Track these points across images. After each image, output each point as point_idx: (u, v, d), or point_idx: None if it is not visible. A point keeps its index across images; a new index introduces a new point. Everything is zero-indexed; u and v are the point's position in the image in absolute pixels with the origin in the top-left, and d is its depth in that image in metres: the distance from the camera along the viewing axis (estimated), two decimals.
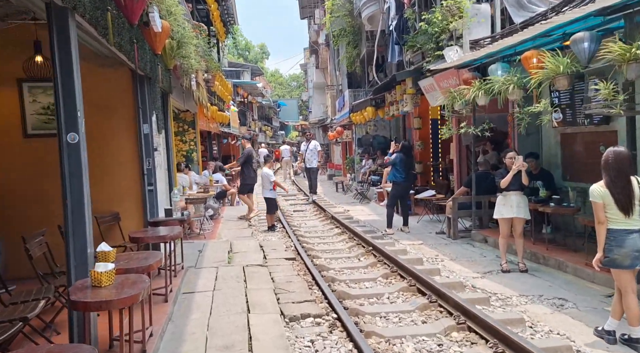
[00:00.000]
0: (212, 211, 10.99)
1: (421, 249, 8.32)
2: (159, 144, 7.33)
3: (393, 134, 18.37)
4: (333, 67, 23.78)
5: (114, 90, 6.39)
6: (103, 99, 6.37)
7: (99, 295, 3.08)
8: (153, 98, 6.79)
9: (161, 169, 7.40)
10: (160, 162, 7.24)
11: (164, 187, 7.63)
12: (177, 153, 12.86)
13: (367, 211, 13.07)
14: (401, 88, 12.71)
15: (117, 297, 3.02)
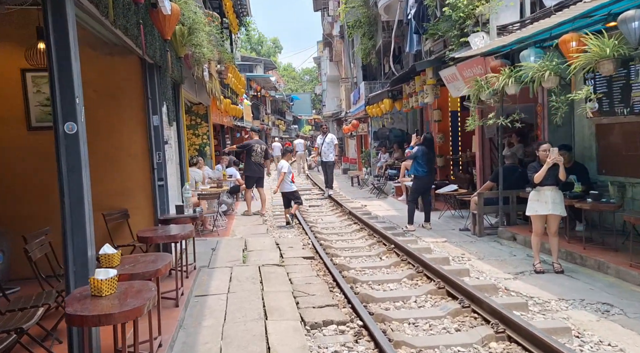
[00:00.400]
0: (226, 207, 10.61)
1: (445, 247, 7.85)
2: (170, 136, 6.94)
3: (410, 126, 17.85)
4: (347, 59, 23.25)
5: (122, 80, 6.00)
6: (111, 89, 5.99)
7: (99, 307, 2.68)
8: (163, 88, 6.39)
9: (172, 163, 7.01)
10: (171, 155, 6.86)
11: (175, 182, 7.25)
12: (189, 147, 12.51)
13: (385, 206, 12.61)
14: (420, 79, 12.19)
15: (118, 310, 2.61)
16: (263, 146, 11.55)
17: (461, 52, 8.96)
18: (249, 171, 11.28)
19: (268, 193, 14.67)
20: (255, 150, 11.27)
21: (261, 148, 11.41)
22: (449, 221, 10.07)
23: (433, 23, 10.91)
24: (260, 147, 11.43)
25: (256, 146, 11.38)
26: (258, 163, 11.27)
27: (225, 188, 9.72)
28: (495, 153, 11.27)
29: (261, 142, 11.92)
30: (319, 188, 17.15)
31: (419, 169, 9.36)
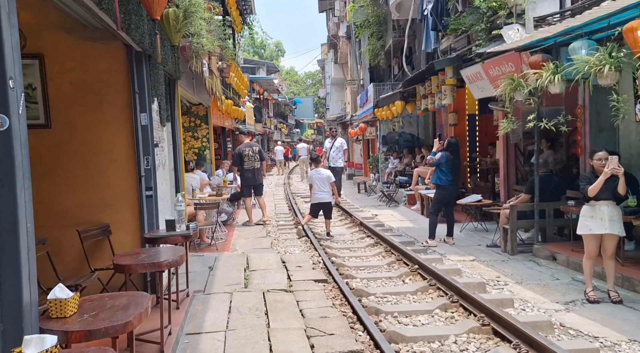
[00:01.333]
0: (226, 216, 9.62)
1: (475, 267, 6.85)
2: (162, 138, 5.95)
3: (421, 130, 16.88)
4: (354, 60, 22.30)
5: (105, 71, 5.02)
6: (91, 81, 5.00)
7: None
8: (154, 81, 5.41)
9: (164, 169, 6.02)
10: (162, 160, 5.87)
11: (168, 190, 6.26)
12: (188, 150, 11.55)
13: (397, 216, 11.60)
14: (438, 79, 11.21)
15: None
16: (255, 147, 10.22)
17: (490, 48, 7.99)
18: (244, 180, 10.08)
19: (270, 199, 13.68)
20: (247, 155, 9.97)
21: (252, 150, 10.05)
22: (472, 235, 9.07)
23: (455, 17, 9.94)
24: (252, 149, 10.07)
25: (246, 150, 10.01)
26: (252, 169, 9.99)
27: (225, 196, 8.72)
28: (521, 159, 10.31)
29: (253, 144, 10.47)
30: None
31: (442, 177, 8.36)
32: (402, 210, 12.51)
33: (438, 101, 11.26)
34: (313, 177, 9.14)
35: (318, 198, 9.07)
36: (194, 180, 8.88)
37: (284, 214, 12.04)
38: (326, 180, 9.07)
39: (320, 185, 9.04)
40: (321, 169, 9.27)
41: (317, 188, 9.05)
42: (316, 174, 9.12)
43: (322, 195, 9.02)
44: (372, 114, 16.91)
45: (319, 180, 9.05)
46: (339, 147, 13.12)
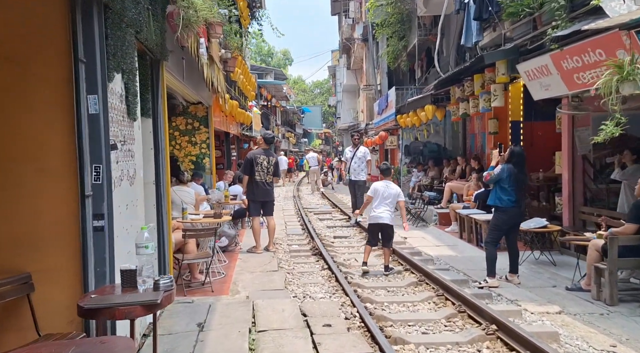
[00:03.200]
0: (227, 241, 7.64)
1: (570, 327, 4.82)
2: (131, 138, 3.98)
3: (448, 140, 14.89)
4: (370, 64, 20.43)
5: (29, 25, 3.09)
6: (8, 44, 3.08)
7: None
8: (116, 47, 3.47)
9: (133, 185, 4.04)
10: (129, 171, 3.89)
11: (139, 216, 4.28)
12: (184, 158, 9.61)
13: (431, 240, 9.58)
14: (483, 78, 9.28)
15: None
16: (272, 158, 8.15)
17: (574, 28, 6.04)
18: (252, 194, 8.00)
19: (278, 216, 11.69)
20: (260, 163, 7.96)
21: (268, 161, 8.03)
22: (536, 270, 7.04)
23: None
24: (268, 159, 8.04)
25: (260, 158, 7.98)
26: (264, 182, 7.98)
27: (226, 217, 6.70)
28: (591, 174, 8.32)
29: (269, 152, 8.32)
30: (339, 210, 14.15)
31: (503, 197, 6.34)
32: (434, 232, 10.48)
33: (483, 104, 9.29)
34: (378, 190, 7.02)
35: (376, 217, 6.98)
36: (187, 196, 6.91)
37: (297, 235, 10.04)
38: (394, 197, 6.99)
39: (383, 201, 6.97)
40: (392, 183, 7.16)
41: (379, 204, 6.99)
42: (383, 187, 7.04)
43: (382, 213, 6.93)
44: (393, 121, 14.96)
45: (384, 197, 6.98)
46: (361, 157, 11.13)
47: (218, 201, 8.18)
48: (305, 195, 20.03)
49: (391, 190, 7.03)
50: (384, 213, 7.00)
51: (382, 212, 6.99)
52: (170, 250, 5.34)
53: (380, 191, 7.06)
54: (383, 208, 7.00)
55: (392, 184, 7.17)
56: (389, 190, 7.02)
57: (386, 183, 7.12)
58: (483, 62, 8.41)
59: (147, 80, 5.01)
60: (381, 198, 7.02)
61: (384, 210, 6.99)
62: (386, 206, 7.00)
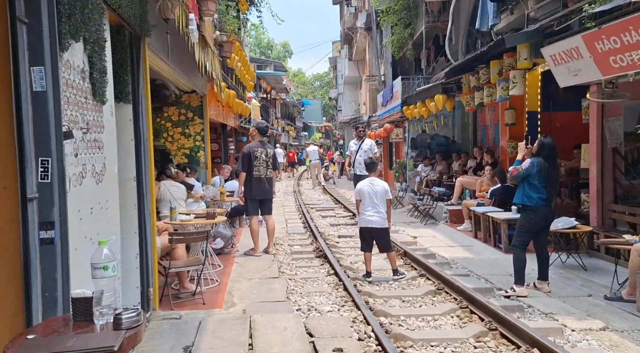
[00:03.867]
0: (222, 242, 6.90)
1: (621, 348, 4.09)
2: (97, 124, 3.22)
3: (457, 132, 14.14)
4: (374, 54, 19.62)
5: None
6: None
7: None
8: (71, 5, 2.71)
9: (101, 183, 3.28)
10: (96, 166, 3.14)
11: (112, 223, 3.53)
12: (176, 151, 8.86)
13: (443, 240, 8.85)
14: (501, 64, 8.51)
15: None
16: (270, 150, 7.42)
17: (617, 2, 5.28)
18: (249, 192, 7.16)
19: (279, 213, 10.95)
20: (258, 157, 7.18)
21: (266, 154, 7.28)
22: (566, 276, 6.31)
23: None
24: (265, 152, 7.28)
25: (258, 151, 7.20)
26: (261, 177, 7.18)
27: (220, 218, 5.93)
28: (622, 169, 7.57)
29: (266, 144, 7.61)
30: (342, 207, 13.42)
31: (532, 195, 5.59)
32: (445, 231, 9.75)
33: (501, 92, 8.53)
34: (363, 191, 6.25)
35: (365, 221, 6.21)
36: (177, 191, 6.17)
37: (299, 235, 9.31)
38: (381, 195, 6.18)
39: (370, 201, 6.18)
40: (377, 180, 6.37)
41: (367, 205, 6.21)
42: (368, 186, 6.24)
43: (372, 216, 6.14)
44: (399, 112, 14.18)
45: (370, 195, 6.19)
46: (367, 150, 10.35)
47: (213, 198, 7.44)
48: (306, 190, 19.30)
49: (377, 188, 6.22)
50: (374, 216, 6.17)
51: (371, 215, 6.18)
52: (155, 257, 4.60)
53: (365, 191, 6.26)
54: (372, 210, 6.18)
55: (377, 181, 6.34)
56: (374, 188, 6.22)
57: (370, 181, 6.32)
58: (503, 46, 7.64)
59: (126, 59, 4.25)
60: (368, 199, 6.23)
61: (374, 213, 6.17)
62: (375, 207, 6.18)
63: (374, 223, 6.14)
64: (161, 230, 5.31)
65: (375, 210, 6.19)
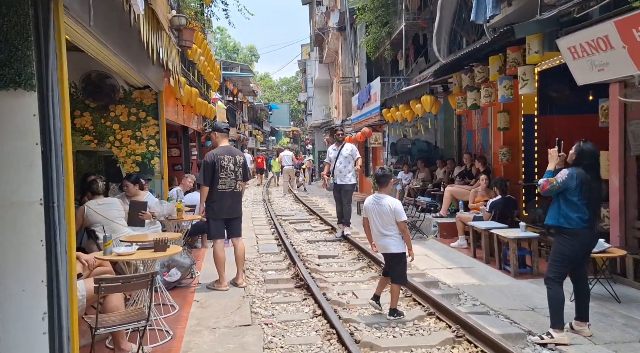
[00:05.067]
0: (179, 274, 5.43)
1: None
2: None
3: (440, 138, 13.06)
4: (347, 55, 18.44)
5: None
6: None
7: None
8: None
9: None
10: None
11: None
12: (125, 158, 7.34)
13: (437, 259, 7.63)
14: (499, 60, 7.43)
15: None
16: (239, 157, 5.91)
17: None
18: (213, 211, 5.67)
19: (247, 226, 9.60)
20: (225, 167, 5.68)
21: (235, 162, 5.79)
22: (600, 310, 5.16)
23: None
24: (234, 160, 5.79)
25: (225, 159, 5.71)
26: (229, 192, 5.69)
27: (175, 249, 4.40)
28: None
29: (233, 149, 6.08)
30: (318, 218, 12.09)
31: (571, 214, 4.40)
32: (437, 248, 8.55)
33: (504, 91, 7.42)
34: (367, 208, 5.01)
35: (378, 245, 5.02)
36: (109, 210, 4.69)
37: (272, 255, 7.92)
38: (390, 214, 4.88)
39: (378, 221, 4.92)
40: (384, 196, 5.00)
41: (375, 228, 4.95)
42: (373, 204, 4.98)
43: (385, 239, 4.92)
44: (377, 115, 13.00)
45: (376, 215, 4.92)
46: (347, 156, 9.06)
47: (168, 217, 5.96)
48: (276, 199, 17.87)
49: (383, 207, 4.91)
50: (387, 239, 4.92)
51: (383, 238, 4.94)
52: (75, 315, 3.14)
53: (369, 209, 5.00)
54: (383, 232, 4.94)
55: (384, 199, 4.97)
56: (380, 208, 4.92)
57: (376, 198, 5.00)
58: (511, 36, 6.50)
59: (26, 26, 2.82)
60: (374, 220, 4.97)
61: (385, 235, 4.92)
62: (384, 229, 4.93)
63: (388, 248, 4.92)
64: (91, 267, 3.84)
65: (386, 232, 4.93)
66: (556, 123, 9.10)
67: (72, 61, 7.29)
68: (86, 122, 7.28)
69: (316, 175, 27.45)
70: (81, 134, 7.28)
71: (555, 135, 9.20)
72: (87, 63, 7.09)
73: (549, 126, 9.12)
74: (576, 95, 8.83)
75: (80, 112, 7.28)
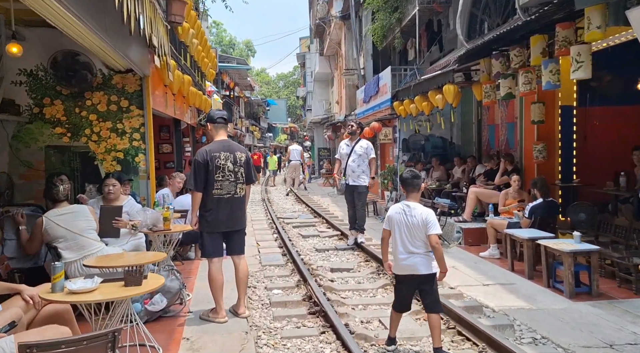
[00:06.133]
0: (164, 301, 4.26)
1: None
2: None
3: (457, 133, 11.93)
4: (351, 46, 17.27)
5: None
6: None
7: None
8: None
9: None
10: None
11: None
12: (104, 154, 6.19)
13: (469, 273, 6.50)
14: (543, 40, 6.29)
15: None
16: (241, 154, 4.65)
17: None
18: (207, 223, 4.46)
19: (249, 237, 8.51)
20: (221, 167, 4.47)
21: (235, 160, 4.56)
22: None
23: None
24: (233, 158, 4.57)
25: (221, 157, 4.50)
26: (227, 197, 4.48)
27: (155, 281, 3.22)
28: None
29: (233, 145, 4.76)
30: (324, 221, 10.94)
31: None
32: (464, 258, 7.41)
33: (550, 77, 6.27)
34: (393, 219, 3.91)
35: (405, 267, 3.87)
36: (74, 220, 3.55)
37: (278, 268, 6.78)
38: (420, 227, 3.80)
39: (405, 236, 3.84)
40: (415, 205, 3.91)
41: (399, 241, 3.87)
42: (400, 214, 3.90)
43: (413, 258, 3.82)
44: (388, 108, 11.86)
45: (403, 227, 3.86)
46: (362, 153, 7.91)
47: (152, 228, 4.79)
48: (276, 199, 16.71)
49: (414, 218, 3.82)
50: (416, 258, 3.82)
51: (410, 257, 3.82)
52: None
53: (395, 220, 3.89)
54: (411, 250, 3.83)
55: (415, 207, 3.88)
56: (410, 219, 3.83)
57: (404, 207, 3.91)
58: (567, 8, 5.36)
59: None
60: (401, 233, 3.86)
61: (414, 254, 3.82)
62: (413, 246, 3.83)
63: (419, 269, 3.80)
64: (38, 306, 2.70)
65: (415, 250, 3.82)
66: (597, 115, 8.03)
67: (41, 40, 6.15)
68: (57, 112, 6.11)
69: (316, 173, 26.31)
70: (51, 125, 6.11)
71: (596, 129, 8.14)
72: (58, 41, 5.93)
73: (589, 119, 8.04)
74: (621, 84, 7.76)
75: (50, 100, 6.10)
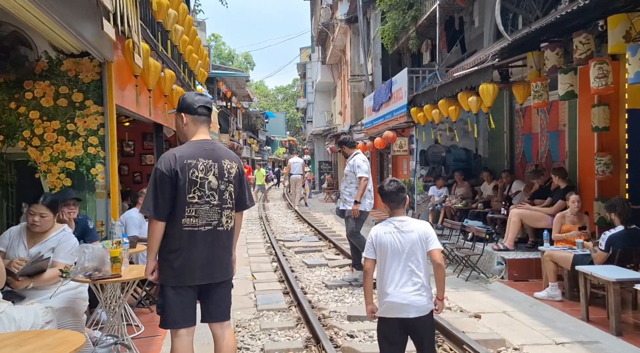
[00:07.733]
0: None
1: None
2: None
3: (483, 143, 10.38)
4: (358, 51, 15.83)
5: None
6: None
7: None
8: None
9: None
10: None
11: None
12: (50, 164, 4.57)
13: (530, 323, 4.86)
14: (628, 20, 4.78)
15: None
16: (230, 164, 2.87)
17: None
18: (170, 270, 2.68)
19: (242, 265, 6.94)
20: (199, 182, 2.72)
21: (220, 172, 2.80)
22: None
23: None
24: (219, 167, 2.80)
25: (198, 166, 2.73)
26: (206, 230, 2.72)
27: None
28: None
29: (223, 151, 2.95)
30: (331, 244, 9.31)
31: None
32: (515, 299, 5.76)
33: (638, 67, 4.73)
34: (385, 244, 2.65)
35: (393, 305, 2.60)
36: None
37: (279, 315, 5.12)
38: (419, 246, 2.61)
39: (400, 263, 2.63)
40: (406, 219, 2.69)
41: (388, 271, 2.63)
42: (391, 234, 2.67)
43: (405, 294, 2.58)
44: (404, 115, 10.32)
45: (396, 252, 2.63)
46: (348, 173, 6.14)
47: (92, 274, 3.15)
48: (275, 216, 15.05)
49: (411, 233, 2.68)
50: (407, 294, 2.62)
51: (401, 292, 2.61)
52: None
53: (386, 244, 2.70)
54: (403, 281, 2.62)
55: (408, 221, 2.77)
56: (406, 235, 2.67)
57: (394, 224, 2.76)
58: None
59: None
60: (392, 259, 2.67)
61: (406, 287, 2.62)
62: (407, 274, 2.64)
63: (411, 310, 2.62)
64: None
65: (409, 280, 2.65)
66: None
67: None
68: None
69: (316, 188, 24.74)
70: None
71: None
72: None
73: None
74: None
75: None
